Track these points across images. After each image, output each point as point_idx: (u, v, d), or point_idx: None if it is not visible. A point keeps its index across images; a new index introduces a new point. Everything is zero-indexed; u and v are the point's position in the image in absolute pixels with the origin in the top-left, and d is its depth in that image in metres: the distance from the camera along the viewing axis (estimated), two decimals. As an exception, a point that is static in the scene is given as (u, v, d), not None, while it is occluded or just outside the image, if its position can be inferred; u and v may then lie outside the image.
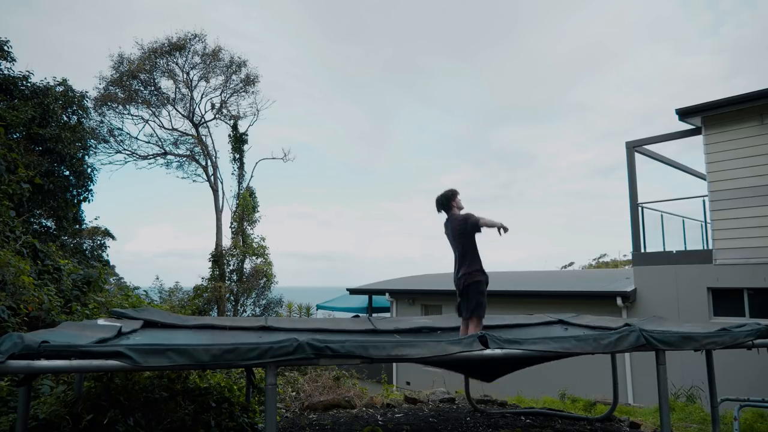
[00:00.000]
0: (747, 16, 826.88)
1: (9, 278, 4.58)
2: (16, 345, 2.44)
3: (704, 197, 10.03)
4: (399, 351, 3.15)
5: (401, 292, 15.06)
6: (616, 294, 10.34)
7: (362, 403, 6.21)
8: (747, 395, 5.39)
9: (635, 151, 10.92)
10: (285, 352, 2.85)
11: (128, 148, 19.97)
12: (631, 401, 9.54)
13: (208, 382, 4.87)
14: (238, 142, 19.70)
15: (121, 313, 4.63)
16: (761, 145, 9.05)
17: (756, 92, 8.93)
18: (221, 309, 16.74)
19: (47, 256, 6.26)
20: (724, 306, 9.35)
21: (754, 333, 3.99)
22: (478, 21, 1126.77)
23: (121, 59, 18.71)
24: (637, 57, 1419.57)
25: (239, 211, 18.65)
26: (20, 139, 11.23)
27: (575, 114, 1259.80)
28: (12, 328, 4.36)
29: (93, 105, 17.38)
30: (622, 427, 5.61)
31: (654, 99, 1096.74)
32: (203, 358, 2.73)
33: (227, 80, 19.97)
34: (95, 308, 5.82)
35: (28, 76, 12.11)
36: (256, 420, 4.68)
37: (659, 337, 3.70)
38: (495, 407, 6.43)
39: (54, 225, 12.58)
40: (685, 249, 10.60)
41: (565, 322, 5.80)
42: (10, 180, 6.17)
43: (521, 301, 12.05)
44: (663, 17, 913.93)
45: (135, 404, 3.90)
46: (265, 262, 18.33)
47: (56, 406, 3.64)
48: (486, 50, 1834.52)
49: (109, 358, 2.58)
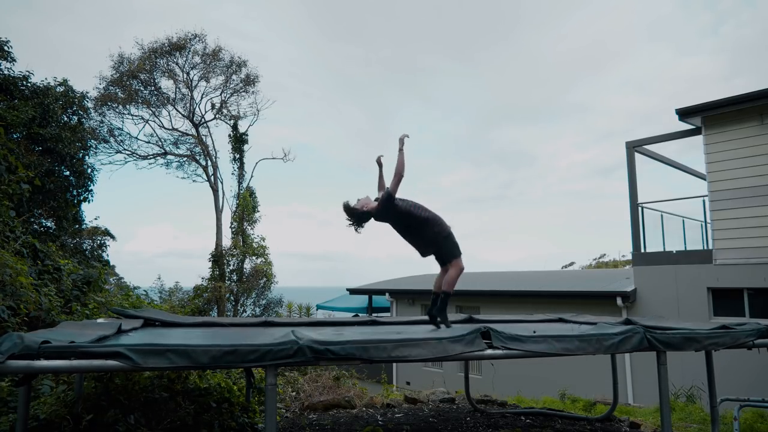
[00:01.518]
0: (747, 15, 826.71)
1: (7, 279, 4.58)
2: (17, 345, 2.44)
3: (704, 197, 10.03)
4: (399, 351, 3.14)
5: (401, 292, 15.07)
6: (616, 294, 10.34)
7: (362, 403, 6.21)
8: (747, 395, 5.39)
9: (635, 151, 10.92)
10: (285, 354, 2.84)
11: (128, 148, 19.99)
12: (631, 401, 9.54)
13: (208, 383, 4.87)
14: (238, 142, 19.70)
15: (121, 312, 4.63)
16: (761, 145, 9.06)
17: (756, 92, 8.93)
18: (221, 309, 16.74)
19: (47, 256, 6.26)
20: (724, 306, 9.35)
21: (755, 333, 4.00)
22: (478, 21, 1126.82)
23: (121, 59, 18.72)
24: (637, 57, 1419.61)
25: (239, 211, 18.65)
26: (20, 139, 11.22)
27: (575, 114, 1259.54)
28: (12, 328, 4.36)
29: (93, 105, 17.38)
30: (622, 427, 5.61)
31: (654, 99, 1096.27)
32: (203, 360, 2.72)
33: (227, 80, 19.98)
34: (95, 308, 5.82)
35: (28, 76, 12.11)
36: (256, 420, 4.68)
37: (662, 338, 3.70)
38: (495, 407, 6.43)
39: (54, 225, 12.56)
40: (685, 249, 10.60)
41: (565, 320, 5.80)
42: (10, 180, 6.16)
43: (521, 301, 12.06)
44: (663, 17, 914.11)
45: (135, 404, 3.90)
46: (265, 262, 18.33)
47: (56, 406, 3.64)
48: (486, 50, 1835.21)
49: (109, 359, 2.57)
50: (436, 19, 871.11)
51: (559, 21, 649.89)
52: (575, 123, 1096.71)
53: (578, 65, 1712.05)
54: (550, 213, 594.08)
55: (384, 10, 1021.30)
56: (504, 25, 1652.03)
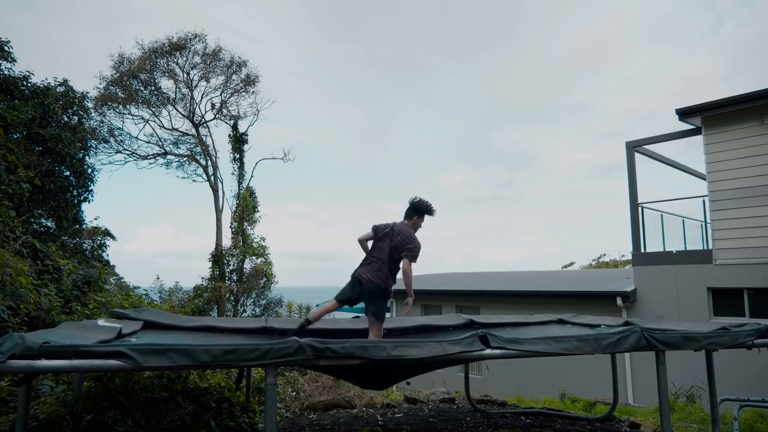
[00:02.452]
0: (747, 15, 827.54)
1: (7, 279, 4.58)
2: (17, 345, 2.44)
3: (704, 197, 10.03)
4: (399, 351, 3.15)
5: (401, 292, 15.05)
6: (616, 294, 10.34)
7: (362, 403, 6.21)
8: (747, 395, 5.39)
9: (635, 151, 10.92)
10: (285, 353, 2.85)
11: (128, 148, 20.00)
12: (631, 401, 9.54)
13: (208, 382, 4.87)
14: (238, 142, 19.70)
15: (121, 313, 4.62)
16: (761, 145, 9.05)
17: (756, 92, 8.93)
18: (221, 309, 16.74)
19: (47, 256, 6.26)
20: (724, 306, 9.35)
21: (755, 333, 4.00)
22: (478, 21, 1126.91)
23: (121, 59, 18.72)
24: (637, 57, 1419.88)
25: (239, 211, 18.65)
26: (20, 139, 11.23)
27: (575, 114, 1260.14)
28: (12, 328, 4.36)
29: (93, 105, 17.39)
30: (622, 427, 5.61)
31: (654, 99, 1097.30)
32: (204, 359, 2.73)
33: (227, 80, 19.98)
34: (95, 308, 5.82)
35: (28, 76, 12.12)
36: (256, 420, 4.68)
37: (660, 337, 3.69)
38: (495, 407, 6.43)
39: (54, 225, 12.57)
40: (685, 249, 10.60)
41: (565, 321, 5.80)
42: (10, 180, 6.17)
43: (521, 301, 12.06)
44: (663, 17, 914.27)
45: (135, 404, 3.90)
46: (265, 262, 18.32)
47: (56, 406, 3.64)
48: (486, 50, 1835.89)
49: (110, 358, 2.58)
50: (436, 19, 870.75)
51: (559, 21, 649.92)
52: (575, 123, 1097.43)
53: (578, 65, 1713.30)
54: (550, 213, 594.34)
55: (384, 9, 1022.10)
56: (504, 25, 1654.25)
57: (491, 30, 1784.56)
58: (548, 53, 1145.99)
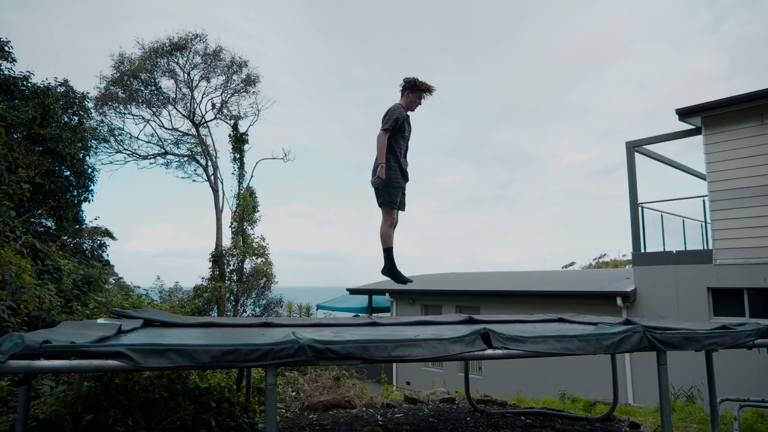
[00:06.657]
0: (747, 14, 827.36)
1: (9, 277, 4.58)
2: (17, 345, 2.44)
3: (704, 197, 10.03)
4: (400, 351, 3.14)
5: (401, 292, 15.07)
6: (616, 294, 10.35)
7: (362, 403, 6.21)
8: (747, 395, 5.39)
9: (635, 151, 10.92)
10: (286, 353, 2.84)
11: (128, 148, 20.02)
12: (631, 401, 9.54)
13: (209, 382, 4.87)
14: (239, 142, 19.71)
15: (121, 313, 4.63)
16: (761, 145, 9.06)
17: (756, 92, 8.94)
18: (221, 309, 16.75)
19: (47, 256, 6.26)
20: (724, 306, 9.35)
21: (755, 333, 3.99)
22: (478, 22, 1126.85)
23: (121, 59, 18.73)
24: (638, 56, 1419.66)
25: (239, 211, 18.66)
26: (21, 139, 11.23)
27: (575, 114, 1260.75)
28: (12, 328, 4.36)
29: (94, 104, 17.40)
30: (622, 427, 5.61)
31: (654, 98, 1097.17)
32: (203, 359, 2.72)
33: (228, 80, 20.00)
34: (95, 308, 5.82)
35: (28, 76, 12.11)
36: (256, 420, 4.68)
37: (662, 337, 3.69)
38: (495, 407, 6.43)
39: (54, 225, 12.57)
40: (685, 249, 10.60)
41: (565, 320, 5.80)
42: (11, 180, 6.17)
43: (521, 301, 12.07)
44: (663, 16, 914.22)
45: (135, 404, 3.90)
46: (265, 262, 18.34)
47: (56, 406, 3.64)
48: (487, 51, 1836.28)
49: (109, 358, 2.57)
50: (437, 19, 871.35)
51: (560, 21, 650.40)
52: (575, 123, 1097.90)
53: (578, 65, 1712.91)
54: (550, 213, 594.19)
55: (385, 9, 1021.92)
56: (504, 25, 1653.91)
57: (492, 30, 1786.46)
58: (548, 53, 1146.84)
